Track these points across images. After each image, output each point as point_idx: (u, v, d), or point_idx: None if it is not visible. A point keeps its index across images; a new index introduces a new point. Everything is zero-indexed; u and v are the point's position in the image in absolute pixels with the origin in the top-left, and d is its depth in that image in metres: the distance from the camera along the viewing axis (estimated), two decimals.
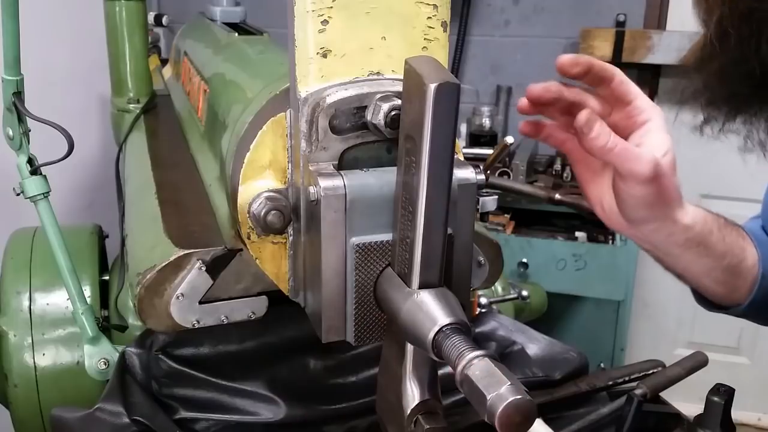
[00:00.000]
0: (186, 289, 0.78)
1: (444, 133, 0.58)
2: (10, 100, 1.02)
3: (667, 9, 2.64)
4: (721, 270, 0.90)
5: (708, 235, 0.86)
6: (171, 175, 1.13)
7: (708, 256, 0.88)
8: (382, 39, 0.67)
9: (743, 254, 0.91)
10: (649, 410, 1.01)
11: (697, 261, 0.88)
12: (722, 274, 0.90)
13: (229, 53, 1.26)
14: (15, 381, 1.11)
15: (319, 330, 0.69)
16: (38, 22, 2.00)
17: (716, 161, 2.71)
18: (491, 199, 0.83)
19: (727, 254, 0.89)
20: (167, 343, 0.98)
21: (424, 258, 0.61)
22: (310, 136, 0.67)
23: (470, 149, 2.57)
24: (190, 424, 0.97)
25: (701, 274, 0.90)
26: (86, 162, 2.36)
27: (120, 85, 1.68)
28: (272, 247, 0.74)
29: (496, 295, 1.52)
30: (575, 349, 1.14)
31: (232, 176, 0.76)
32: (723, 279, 0.91)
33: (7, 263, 1.20)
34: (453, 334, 0.58)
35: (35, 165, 1.05)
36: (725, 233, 0.89)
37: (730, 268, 0.90)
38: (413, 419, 0.64)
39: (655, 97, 2.75)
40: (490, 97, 2.82)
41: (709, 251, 0.87)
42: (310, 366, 1.03)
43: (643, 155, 0.76)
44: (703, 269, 0.89)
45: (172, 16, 2.80)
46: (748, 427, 2.88)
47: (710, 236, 0.87)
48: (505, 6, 2.76)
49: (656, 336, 2.92)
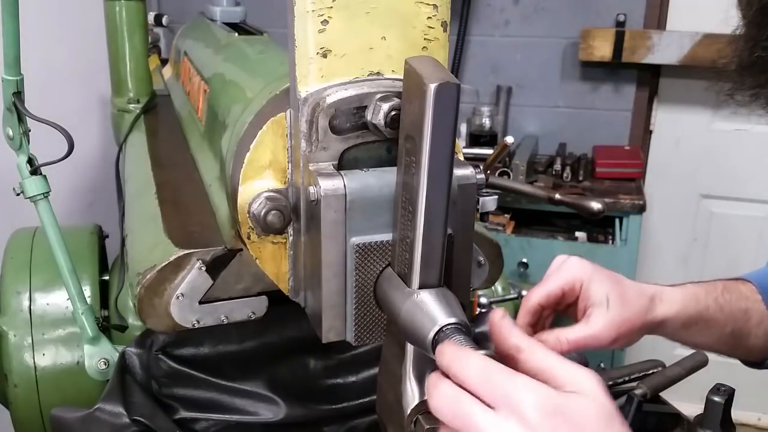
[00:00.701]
0: (186, 289, 0.78)
1: (444, 133, 0.58)
2: (10, 100, 1.02)
3: (667, 9, 2.64)
4: (728, 336, 0.93)
5: (704, 311, 0.90)
6: (171, 175, 1.13)
7: (710, 329, 0.92)
8: (382, 39, 0.67)
9: (746, 316, 0.94)
10: (649, 410, 1.01)
11: (703, 335, 0.92)
12: (731, 339, 0.94)
13: (229, 53, 1.26)
14: (15, 381, 1.11)
15: (319, 330, 0.69)
16: (38, 22, 2.00)
17: (716, 161, 2.72)
18: (491, 199, 0.83)
19: (729, 322, 0.92)
20: (167, 343, 0.98)
21: (424, 258, 0.61)
22: (310, 136, 0.67)
23: (470, 149, 2.57)
24: (190, 424, 0.98)
25: (710, 345, 0.95)
26: (86, 162, 2.36)
27: (120, 85, 1.68)
28: (272, 247, 0.74)
29: (496, 295, 1.52)
30: None
31: (232, 176, 0.76)
32: (734, 344, 0.95)
33: (7, 263, 1.20)
34: (453, 334, 0.58)
35: (35, 165, 1.05)
36: (723, 302, 0.92)
37: (736, 332, 0.93)
38: (413, 419, 0.64)
39: (655, 97, 2.75)
40: (490, 97, 2.82)
41: (710, 324, 0.91)
42: (310, 366, 1.03)
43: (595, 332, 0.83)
44: (712, 341, 0.94)
45: (172, 16, 2.80)
46: (748, 427, 2.88)
47: (707, 311, 0.91)
48: (505, 6, 2.76)
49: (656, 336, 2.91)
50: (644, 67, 2.62)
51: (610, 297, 0.84)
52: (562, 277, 0.87)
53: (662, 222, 2.82)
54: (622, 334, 0.85)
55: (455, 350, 0.55)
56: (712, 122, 2.70)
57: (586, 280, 0.86)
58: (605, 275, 0.86)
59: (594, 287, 0.85)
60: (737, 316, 0.93)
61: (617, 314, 0.84)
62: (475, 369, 0.52)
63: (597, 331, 0.83)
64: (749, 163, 2.67)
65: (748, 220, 2.67)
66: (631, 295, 0.86)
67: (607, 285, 0.85)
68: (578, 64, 2.69)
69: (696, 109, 2.72)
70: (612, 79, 2.69)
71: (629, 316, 0.85)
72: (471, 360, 0.53)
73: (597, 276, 0.86)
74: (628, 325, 0.85)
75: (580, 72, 2.71)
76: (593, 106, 2.72)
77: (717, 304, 0.92)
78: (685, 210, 2.81)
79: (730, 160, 2.69)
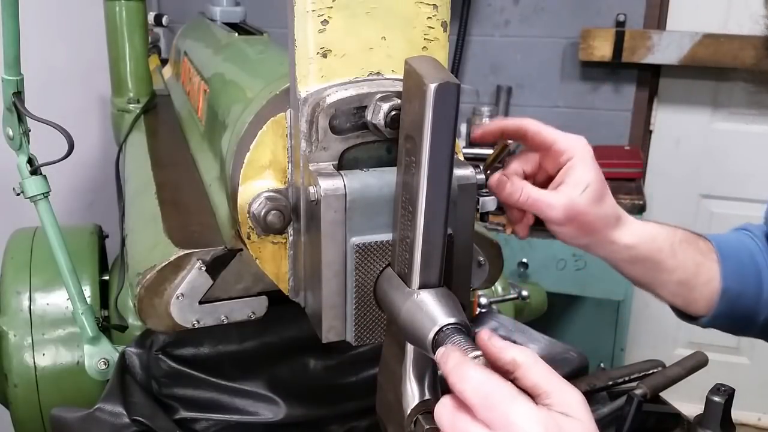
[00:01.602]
0: (186, 289, 0.78)
1: (444, 133, 0.58)
2: (10, 100, 1.02)
3: (667, 9, 2.64)
4: (674, 284, 0.92)
5: (656, 252, 0.89)
6: (171, 175, 1.13)
7: (657, 271, 0.91)
8: (382, 39, 0.67)
9: (697, 270, 0.92)
10: (649, 410, 1.01)
11: (646, 274, 0.91)
12: (676, 286, 0.93)
13: (229, 53, 1.26)
14: (15, 381, 1.11)
15: (319, 330, 0.69)
16: (38, 22, 2.00)
17: (716, 161, 2.72)
18: (491, 199, 0.83)
19: (677, 270, 0.91)
20: (167, 343, 0.98)
21: (424, 258, 0.61)
22: (310, 136, 0.67)
23: (470, 149, 2.57)
24: (190, 424, 0.98)
25: (654, 286, 0.94)
26: (86, 162, 2.36)
27: (120, 85, 1.68)
28: (272, 247, 0.74)
29: (496, 295, 1.52)
30: (575, 349, 1.14)
31: (232, 176, 0.76)
32: (677, 292, 0.94)
33: (7, 263, 1.20)
34: (453, 334, 0.58)
35: (35, 165, 1.05)
36: (678, 250, 0.91)
37: (684, 281, 0.92)
38: (413, 419, 0.64)
39: (655, 97, 2.75)
40: (490, 97, 2.81)
41: (658, 266, 0.90)
42: (310, 366, 1.03)
43: (554, 203, 0.82)
44: (654, 282, 0.93)
45: (172, 16, 2.80)
46: (748, 427, 2.88)
47: (659, 254, 0.89)
48: (505, 6, 2.76)
49: (656, 336, 2.91)
50: (644, 67, 2.62)
51: (590, 188, 0.83)
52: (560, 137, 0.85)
53: None
54: (574, 224, 0.83)
55: (457, 360, 0.55)
56: (712, 122, 2.70)
57: (577, 158, 0.84)
58: (596, 169, 0.84)
59: (581, 169, 0.83)
60: (688, 268, 0.92)
61: (584, 206, 0.82)
62: (474, 384, 0.53)
63: (555, 201, 0.82)
64: (749, 163, 2.66)
65: (748, 220, 2.65)
66: (607, 201, 0.85)
67: (593, 176, 0.83)
68: (578, 64, 2.68)
69: (696, 109, 2.72)
70: (612, 79, 2.69)
71: (593, 218, 0.84)
72: (471, 373, 0.53)
73: (589, 163, 0.84)
74: (585, 222, 0.83)
75: (580, 72, 2.71)
76: (593, 106, 2.72)
77: (672, 249, 0.90)
78: (685, 210, 2.81)
79: (730, 160, 2.69)
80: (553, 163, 0.86)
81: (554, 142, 0.85)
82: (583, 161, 0.84)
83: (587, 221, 0.84)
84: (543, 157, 0.87)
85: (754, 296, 0.95)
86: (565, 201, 0.82)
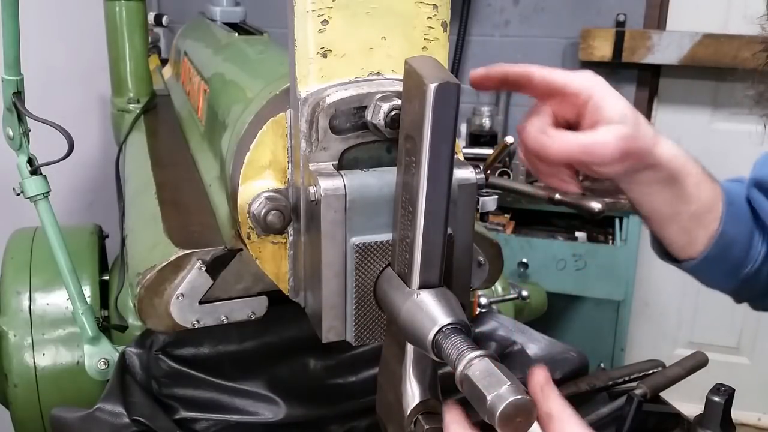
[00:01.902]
0: (186, 289, 0.78)
1: (444, 133, 0.58)
2: (10, 100, 1.02)
3: (667, 9, 2.64)
4: (689, 216, 0.88)
5: (686, 175, 0.85)
6: (171, 175, 1.13)
7: (679, 198, 0.86)
8: (382, 39, 0.67)
9: (711, 205, 0.89)
10: (649, 410, 1.01)
11: (671, 203, 0.87)
12: (688, 220, 0.89)
13: (229, 53, 1.26)
14: (15, 381, 1.11)
15: (319, 330, 0.69)
16: (38, 22, 2.00)
17: (716, 161, 2.72)
18: (491, 199, 0.83)
19: (696, 201, 0.87)
20: (167, 343, 0.98)
21: (424, 258, 0.61)
22: (310, 136, 0.67)
23: (470, 149, 2.57)
24: (190, 424, 0.97)
25: (668, 217, 0.89)
26: (86, 162, 2.36)
27: (120, 85, 1.69)
28: (272, 247, 0.74)
29: (496, 295, 1.52)
30: (575, 349, 1.14)
31: (232, 176, 0.76)
32: (687, 226, 0.89)
33: (7, 263, 1.20)
34: (453, 334, 0.58)
35: (35, 165, 1.05)
36: (701, 180, 0.88)
37: (697, 215, 0.88)
38: (413, 419, 0.64)
39: (655, 97, 2.75)
40: (490, 97, 2.82)
41: (682, 192, 0.86)
42: (310, 366, 1.03)
43: (606, 141, 0.76)
44: (672, 211, 0.88)
45: (172, 16, 2.80)
46: (748, 427, 2.88)
47: (687, 177, 0.86)
48: (505, 6, 2.76)
49: (656, 336, 2.92)
50: (644, 67, 2.62)
51: (627, 115, 0.78)
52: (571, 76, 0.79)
53: None
54: (631, 155, 0.78)
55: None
56: (712, 122, 2.71)
57: (597, 93, 0.78)
58: (621, 96, 0.79)
59: (611, 102, 0.78)
60: (703, 201, 0.88)
61: (632, 133, 0.77)
62: None
63: (607, 139, 0.76)
64: (749, 163, 2.66)
65: None
66: (643, 121, 0.80)
67: (623, 103, 0.79)
68: (578, 64, 2.68)
69: (696, 109, 2.72)
70: (612, 79, 2.69)
71: (642, 143, 0.79)
72: None
73: (612, 93, 0.79)
74: (636, 149, 0.78)
75: None
76: None
77: (697, 177, 0.87)
78: None
79: (730, 160, 2.69)
80: (571, 107, 0.80)
81: (566, 85, 0.79)
82: (606, 93, 0.79)
83: (638, 147, 0.79)
84: (557, 104, 0.81)
85: (745, 247, 0.93)
86: (615, 135, 0.77)
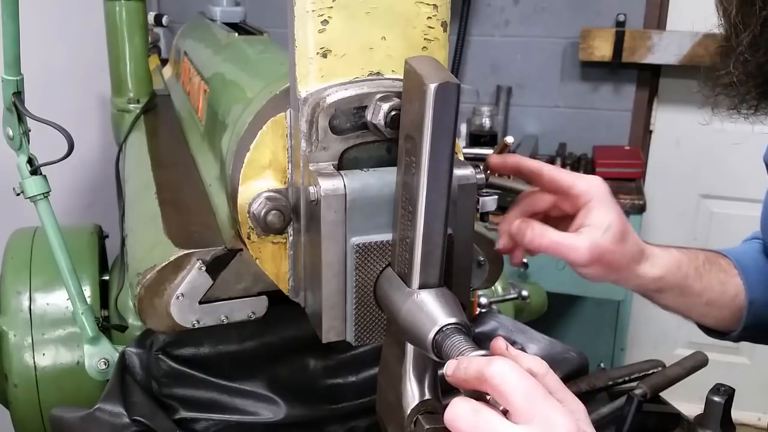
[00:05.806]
0: (186, 289, 0.78)
1: (444, 133, 0.58)
2: (10, 100, 1.02)
3: (667, 9, 2.64)
4: (702, 305, 0.94)
5: (683, 279, 0.91)
6: (171, 175, 1.13)
7: (685, 296, 0.92)
8: (382, 39, 0.67)
9: (723, 288, 0.95)
10: (649, 410, 1.01)
11: (677, 301, 0.93)
12: (704, 308, 0.95)
13: (229, 53, 1.26)
14: (15, 381, 1.11)
15: (319, 330, 0.69)
16: (38, 22, 2.00)
17: (716, 161, 2.72)
18: (491, 199, 0.83)
19: (705, 292, 0.93)
20: (167, 343, 0.98)
21: (424, 258, 0.61)
22: (310, 136, 0.67)
23: (470, 149, 2.57)
24: (190, 424, 0.98)
25: (683, 311, 0.95)
26: (86, 162, 2.36)
27: (120, 85, 1.68)
28: (272, 247, 0.74)
29: (496, 295, 1.52)
30: (575, 349, 1.14)
31: (232, 176, 0.76)
32: (706, 312, 0.96)
33: (7, 263, 1.20)
34: (453, 334, 0.58)
35: (35, 165, 1.05)
36: (703, 272, 0.93)
37: (710, 302, 0.94)
38: (413, 419, 0.64)
39: (655, 97, 2.75)
40: (490, 97, 2.82)
41: (686, 291, 0.92)
42: (310, 366, 1.03)
43: (578, 245, 0.83)
44: (684, 307, 0.94)
45: (172, 16, 2.80)
46: (748, 427, 2.87)
47: (685, 280, 0.91)
48: (505, 6, 2.76)
49: (656, 336, 2.91)
50: (644, 67, 2.62)
51: (612, 228, 0.83)
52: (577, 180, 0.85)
53: (662, 222, 2.82)
54: (599, 264, 0.84)
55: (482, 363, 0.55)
56: (712, 122, 2.71)
57: (596, 200, 0.84)
58: (616, 209, 0.85)
59: (602, 210, 0.83)
60: (714, 288, 0.94)
61: (607, 246, 0.83)
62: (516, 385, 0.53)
63: (579, 244, 0.82)
64: (749, 163, 2.66)
65: (748, 220, 2.65)
66: (629, 239, 0.85)
67: (614, 216, 0.84)
68: (578, 64, 2.68)
69: (696, 109, 2.71)
70: (612, 79, 2.69)
71: (618, 256, 0.84)
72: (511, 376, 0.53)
73: (609, 204, 0.84)
74: (610, 261, 0.84)
75: (580, 72, 2.71)
76: (593, 106, 2.72)
77: (697, 273, 0.92)
78: (685, 210, 2.81)
79: (730, 160, 2.69)
80: (572, 205, 0.86)
81: (571, 186, 0.85)
82: (603, 202, 0.84)
83: (612, 260, 0.84)
84: (560, 200, 0.87)
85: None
86: (588, 242, 0.82)
